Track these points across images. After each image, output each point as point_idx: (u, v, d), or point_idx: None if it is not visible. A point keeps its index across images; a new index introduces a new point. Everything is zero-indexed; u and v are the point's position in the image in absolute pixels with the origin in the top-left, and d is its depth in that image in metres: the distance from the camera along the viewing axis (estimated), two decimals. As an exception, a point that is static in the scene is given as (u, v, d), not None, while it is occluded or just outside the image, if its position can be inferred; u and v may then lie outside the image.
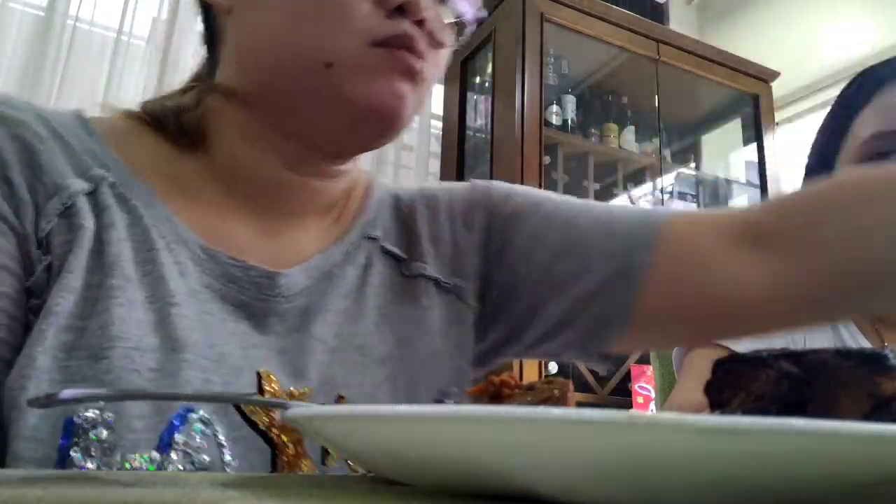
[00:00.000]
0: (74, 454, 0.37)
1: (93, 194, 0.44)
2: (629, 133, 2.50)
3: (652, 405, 2.01)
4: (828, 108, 0.93)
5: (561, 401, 0.28)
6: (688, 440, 0.17)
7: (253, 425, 0.43)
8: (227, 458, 0.41)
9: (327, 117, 0.49)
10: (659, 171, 2.48)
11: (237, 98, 0.50)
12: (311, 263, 0.51)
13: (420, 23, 0.48)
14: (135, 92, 2.23)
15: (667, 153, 2.62)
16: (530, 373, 1.93)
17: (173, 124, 0.50)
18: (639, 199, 2.54)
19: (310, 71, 0.47)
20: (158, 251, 0.44)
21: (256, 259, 0.48)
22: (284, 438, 0.43)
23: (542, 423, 0.18)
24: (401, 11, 0.47)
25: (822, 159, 0.89)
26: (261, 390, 0.44)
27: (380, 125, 0.49)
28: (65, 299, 0.40)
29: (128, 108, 0.53)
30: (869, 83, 0.85)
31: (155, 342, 0.41)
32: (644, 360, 2.13)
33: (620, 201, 2.52)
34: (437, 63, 0.51)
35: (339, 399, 0.47)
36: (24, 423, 0.37)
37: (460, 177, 2.42)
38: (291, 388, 0.45)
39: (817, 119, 0.90)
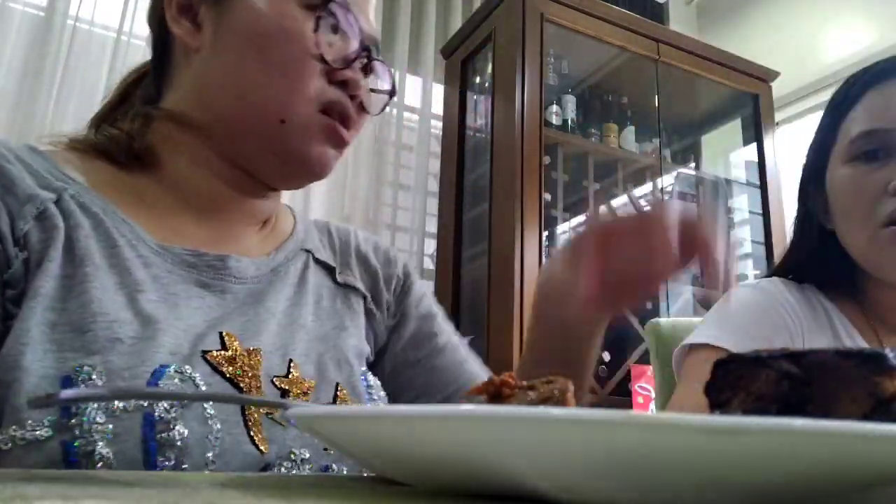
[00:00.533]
0: (73, 408, 0.42)
1: (58, 202, 0.50)
2: (629, 133, 2.50)
3: (652, 405, 2.01)
4: (827, 108, 0.94)
5: (561, 400, 0.28)
6: (688, 440, 0.17)
7: (220, 373, 0.50)
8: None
9: (270, 161, 0.58)
10: (659, 171, 2.47)
11: (188, 126, 0.58)
12: (258, 260, 0.60)
13: (353, 96, 0.58)
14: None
15: (667, 153, 2.61)
16: (530, 373, 1.93)
17: (124, 152, 0.57)
18: (638, 199, 2.53)
19: (265, 123, 0.56)
20: (121, 247, 0.51)
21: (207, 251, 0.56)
22: (244, 378, 0.51)
23: (542, 422, 0.18)
24: (341, 84, 0.57)
25: (816, 158, 0.89)
26: (223, 346, 0.51)
27: (309, 177, 0.60)
28: (47, 283, 0.46)
29: (72, 136, 0.59)
30: (860, 82, 0.85)
31: (129, 316, 0.48)
32: (644, 360, 2.13)
33: (620, 201, 2.52)
34: (358, 126, 0.61)
35: (284, 360, 0.55)
36: (26, 381, 0.42)
37: (460, 177, 2.42)
38: (249, 347, 0.53)
39: (817, 119, 0.90)
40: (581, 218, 2.39)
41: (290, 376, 0.54)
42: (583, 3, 2.30)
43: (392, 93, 0.66)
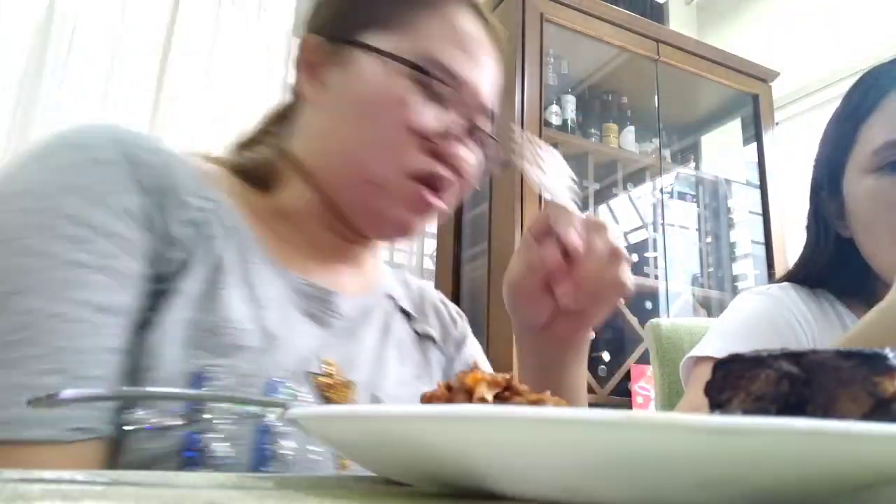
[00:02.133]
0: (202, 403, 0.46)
1: (204, 212, 0.53)
2: (629, 133, 2.50)
3: (652, 405, 2.01)
4: (827, 109, 0.92)
5: None
6: (688, 440, 0.17)
7: (325, 398, 0.54)
8: None
9: (358, 215, 0.62)
10: (659, 171, 2.47)
11: (303, 174, 0.62)
12: (351, 299, 0.63)
13: (450, 164, 0.60)
14: (135, 92, 2.23)
15: (667, 153, 2.62)
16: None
17: (253, 176, 0.62)
18: (638, 199, 2.53)
19: (356, 181, 0.59)
20: (250, 263, 0.54)
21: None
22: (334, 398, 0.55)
23: (543, 422, 0.18)
24: (438, 155, 0.59)
25: (829, 172, 0.86)
26: (328, 374, 0.55)
27: (395, 237, 0.64)
28: (192, 285, 0.49)
29: (206, 154, 0.64)
30: (875, 88, 0.82)
31: (254, 328, 0.51)
32: (644, 360, 2.13)
33: (620, 201, 2.52)
34: (457, 191, 0.63)
35: (375, 399, 0.58)
36: (161, 370, 0.45)
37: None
38: (347, 377, 0.56)
39: (817, 119, 0.89)
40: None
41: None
42: (583, 3, 2.30)
43: (497, 164, 0.66)
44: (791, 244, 2.50)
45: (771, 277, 2.42)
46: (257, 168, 0.62)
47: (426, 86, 0.58)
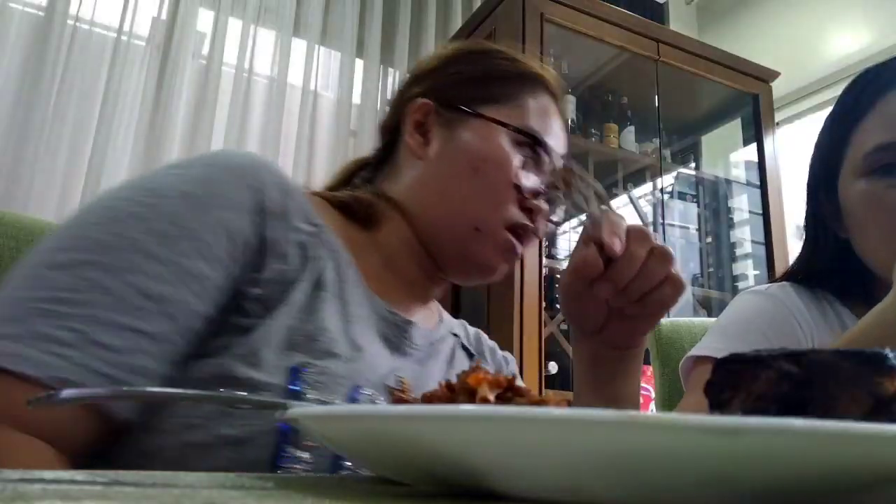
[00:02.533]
0: (300, 386, 0.51)
1: (312, 236, 0.60)
2: (629, 133, 2.50)
3: (652, 405, 2.01)
4: (827, 109, 0.92)
5: None
6: (688, 440, 0.17)
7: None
8: None
9: (455, 258, 0.69)
10: (659, 171, 2.47)
11: (402, 212, 0.69)
12: (425, 332, 0.69)
13: (534, 220, 0.68)
14: (135, 92, 2.23)
15: (667, 153, 2.61)
16: (530, 373, 1.93)
17: (356, 211, 0.70)
18: (638, 199, 2.53)
19: (461, 226, 0.67)
20: (347, 284, 0.61)
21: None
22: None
23: (543, 422, 0.18)
24: (528, 210, 0.67)
25: (825, 174, 0.86)
26: (402, 390, 0.59)
27: (480, 279, 0.70)
28: (298, 296, 0.55)
29: (313, 191, 0.72)
30: (869, 89, 0.82)
31: (344, 339, 0.57)
32: (644, 360, 2.13)
33: (621, 201, 2.52)
34: (541, 237, 0.72)
35: None
36: (261, 364, 0.50)
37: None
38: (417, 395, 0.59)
39: (817, 119, 0.89)
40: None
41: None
42: (583, 3, 2.30)
43: (558, 223, 0.75)
44: (791, 244, 2.51)
45: (771, 277, 2.42)
46: (358, 204, 0.70)
47: (526, 152, 0.68)
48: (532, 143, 0.69)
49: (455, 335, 0.77)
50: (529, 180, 0.68)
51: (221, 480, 0.26)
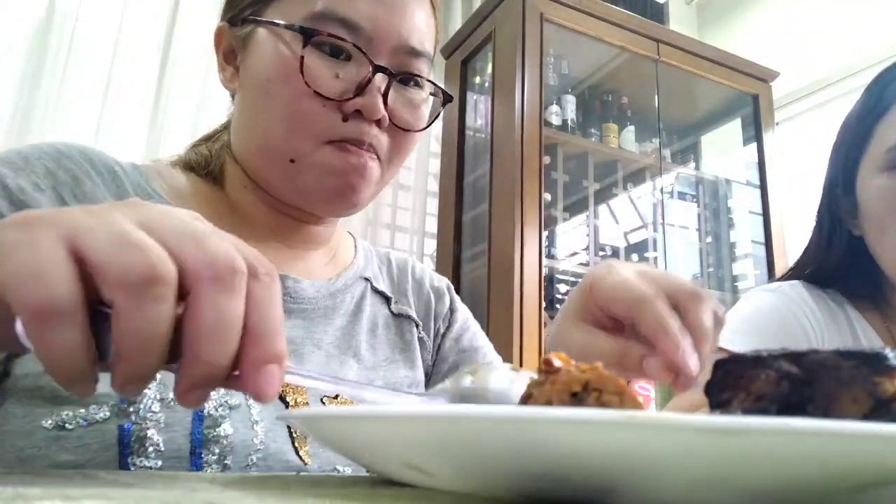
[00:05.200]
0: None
1: None
2: (629, 133, 2.50)
3: (652, 405, 2.01)
4: (827, 109, 0.92)
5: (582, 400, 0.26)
6: (688, 440, 0.17)
7: (283, 400, 0.54)
8: (251, 402, 0.51)
9: (294, 196, 0.60)
10: (659, 171, 2.47)
11: (237, 164, 0.62)
12: (318, 283, 0.62)
13: (379, 122, 0.57)
14: (135, 92, 2.23)
15: (667, 153, 2.61)
16: (530, 356, 1.93)
17: (203, 170, 0.64)
18: (638, 199, 2.53)
19: (276, 162, 0.58)
20: None
21: None
22: (295, 398, 0.55)
23: (544, 422, 0.18)
24: (358, 114, 0.56)
25: (844, 169, 0.85)
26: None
27: (336, 209, 0.61)
28: None
29: (171, 157, 0.66)
30: (892, 85, 0.82)
31: None
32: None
33: (620, 201, 2.52)
34: (401, 146, 0.60)
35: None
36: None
37: (460, 177, 2.42)
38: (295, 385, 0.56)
39: (817, 119, 0.89)
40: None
41: (338, 399, 0.57)
42: (583, 3, 2.30)
43: (445, 99, 0.64)
44: (791, 244, 2.51)
45: (771, 277, 2.42)
46: (203, 163, 0.64)
47: (322, 46, 0.55)
48: (323, 32, 0.55)
49: (366, 279, 0.69)
50: (332, 80, 0.55)
51: (221, 480, 0.26)
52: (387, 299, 0.70)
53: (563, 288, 2.22)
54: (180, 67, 2.29)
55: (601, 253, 2.39)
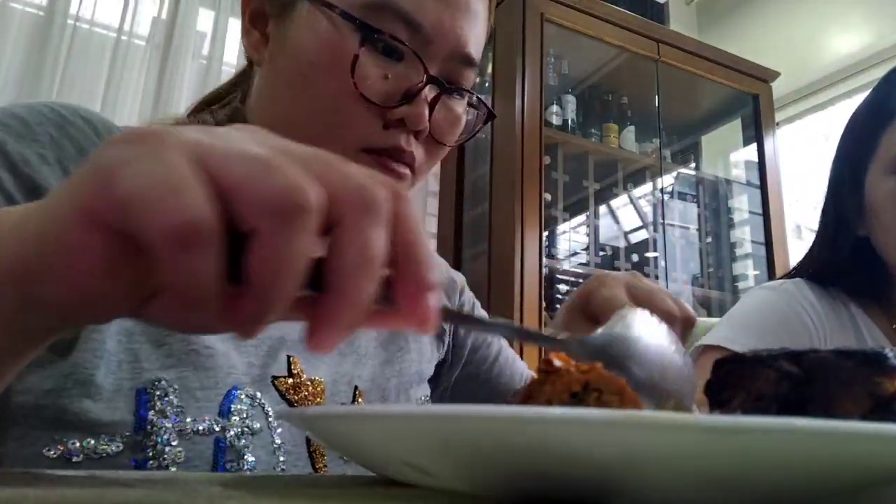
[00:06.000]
0: (152, 416, 0.43)
1: None
2: (629, 133, 2.50)
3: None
4: (828, 109, 0.92)
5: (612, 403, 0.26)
6: (688, 439, 0.17)
7: (287, 400, 0.51)
8: (274, 424, 0.49)
9: None
10: (659, 171, 2.47)
11: None
12: None
13: (418, 133, 0.51)
14: (135, 92, 2.23)
15: (667, 153, 2.61)
16: (530, 356, 1.93)
17: None
18: (638, 199, 2.53)
19: None
20: None
21: None
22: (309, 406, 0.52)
23: (544, 422, 0.18)
24: (400, 122, 0.50)
25: (852, 169, 0.85)
26: (290, 372, 0.51)
27: None
28: None
29: (175, 119, 0.59)
30: None
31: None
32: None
33: (621, 201, 2.52)
34: (432, 158, 0.55)
35: (356, 390, 0.56)
36: (99, 395, 0.42)
37: (460, 177, 2.42)
38: (313, 377, 0.53)
39: (817, 119, 0.89)
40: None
41: (356, 403, 0.55)
42: (583, 3, 2.30)
43: (489, 116, 0.59)
44: (791, 244, 2.51)
45: (771, 277, 2.42)
46: None
47: (377, 42, 0.49)
48: (385, 28, 0.49)
49: None
50: (383, 83, 0.49)
51: (221, 480, 0.26)
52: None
53: (563, 288, 2.22)
54: (180, 68, 2.29)
55: (601, 253, 2.39)
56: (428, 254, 0.25)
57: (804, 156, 2.79)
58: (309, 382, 0.52)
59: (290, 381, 0.51)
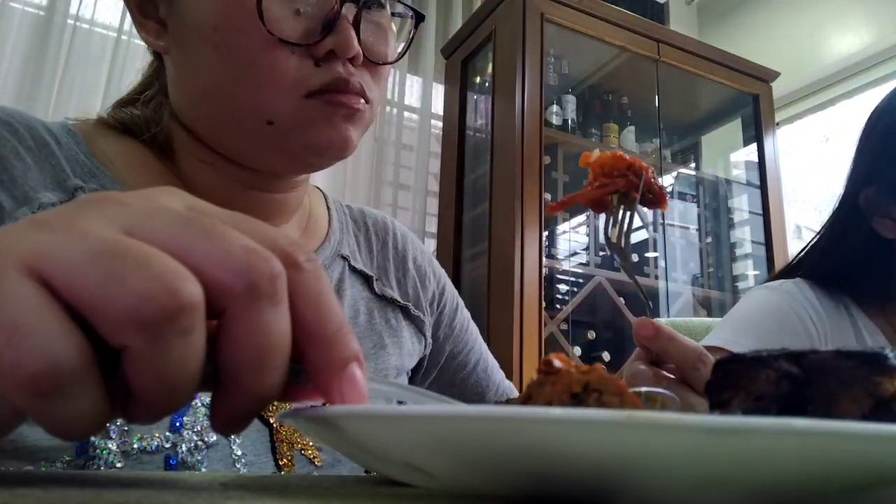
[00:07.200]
0: (93, 438, 0.40)
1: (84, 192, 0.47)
2: (629, 133, 2.50)
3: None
4: (828, 109, 0.91)
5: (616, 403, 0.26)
6: (688, 440, 0.17)
7: (259, 416, 0.47)
8: (232, 436, 0.45)
9: (276, 159, 0.51)
10: (659, 171, 2.47)
11: (187, 131, 0.52)
12: None
13: (353, 59, 0.48)
14: (135, 92, 2.23)
15: (667, 153, 2.62)
16: (531, 374, 1.93)
17: (144, 134, 0.53)
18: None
19: (252, 127, 0.48)
20: None
21: None
22: (272, 410, 0.48)
23: (544, 422, 0.18)
24: (331, 54, 0.48)
25: (890, 166, 0.82)
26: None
27: (328, 161, 0.52)
28: None
29: (98, 115, 0.56)
30: None
31: None
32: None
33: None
34: (379, 81, 0.52)
35: None
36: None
37: (460, 177, 2.42)
38: None
39: (817, 119, 0.88)
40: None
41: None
42: (583, 3, 2.30)
43: (418, 18, 0.55)
44: (791, 244, 2.51)
45: (771, 278, 2.42)
46: (144, 126, 0.53)
47: None
48: None
49: (344, 258, 0.60)
50: (299, 22, 0.47)
51: (221, 480, 0.26)
52: (367, 279, 0.61)
53: (563, 288, 2.22)
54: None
55: (601, 253, 2.39)
56: (338, 323, 0.22)
57: (804, 156, 2.79)
58: None
59: None
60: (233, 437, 0.46)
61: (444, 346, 0.67)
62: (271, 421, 0.48)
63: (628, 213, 0.45)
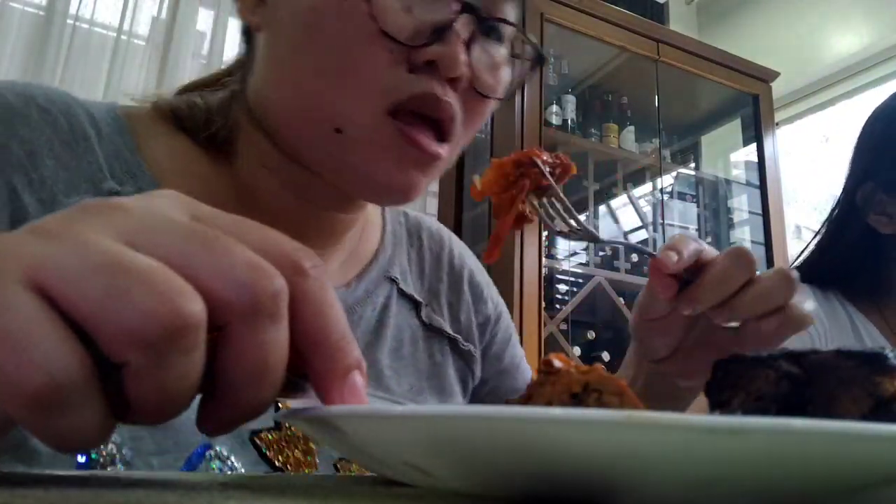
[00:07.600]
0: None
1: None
2: (629, 133, 2.50)
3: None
4: (827, 109, 0.91)
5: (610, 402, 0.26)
6: (688, 440, 0.17)
7: (269, 462, 0.43)
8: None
9: (335, 177, 0.46)
10: (659, 171, 2.47)
11: (258, 123, 0.47)
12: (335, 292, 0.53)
13: (454, 81, 0.42)
14: (134, 92, 2.23)
15: (667, 153, 2.62)
16: (530, 356, 1.93)
17: (202, 131, 0.48)
18: (638, 199, 2.53)
19: (318, 131, 0.43)
20: None
21: None
22: (298, 467, 0.44)
23: (543, 422, 0.18)
24: (430, 66, 0.41)
25: (892, 163, 0.82)
26: (277, 424, 0.44)
27: (386, 201, 0.48)
28: None
29: (160, 100, 0.50)
30: None
31: None
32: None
33: (620, 201, 2.52)
34: (475, 117, 0.45)
35: None
36: (34, 458, 0.36)
37: (460, 177, 2.42)
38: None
39: (817, 119, 0.88)
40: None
41: None
42: (583, 3, 2.30)
43: (537, 59, 0.48)
44: (791, 244, 2.51)
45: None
46: (203, 122, 0.48)
47: None
48: None
49: (393, 280, 0.55)
50: (408, 19, 0.41)
51: (221, 480, 0.26)
52: (416, 304, 0.56)
53: (562, 288, 2.22)
54: (180, 67, 2.29)
55: (601, 253, 2.39)
56: (340, 332, 0.22)
57: (804, 156, 2.80)
58: (300, 438, 0.44)
59: (276, 434, 0.43)
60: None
61: (487, 380, 0.62)
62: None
63: (553, 199, 0.40)
